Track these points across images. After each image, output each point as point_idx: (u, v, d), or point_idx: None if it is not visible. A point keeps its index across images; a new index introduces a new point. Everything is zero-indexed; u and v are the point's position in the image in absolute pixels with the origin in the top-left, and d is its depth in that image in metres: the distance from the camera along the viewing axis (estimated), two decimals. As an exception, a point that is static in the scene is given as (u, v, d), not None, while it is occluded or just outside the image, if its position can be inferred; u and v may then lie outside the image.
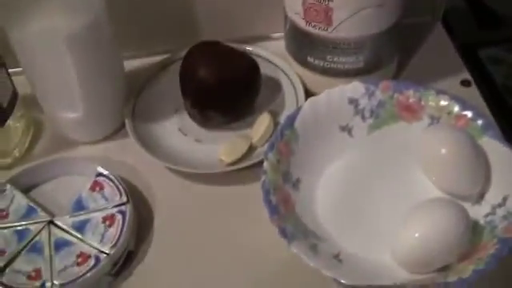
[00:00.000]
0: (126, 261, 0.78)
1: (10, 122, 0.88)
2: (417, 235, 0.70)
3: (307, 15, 0.84)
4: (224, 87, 0.84)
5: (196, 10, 0.99)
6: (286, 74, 0.94)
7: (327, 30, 0.83)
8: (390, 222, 0.73)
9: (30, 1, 0.79)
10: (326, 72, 0.89)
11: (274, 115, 0.89)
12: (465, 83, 0.95)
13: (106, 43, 0.85)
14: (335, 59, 0.86)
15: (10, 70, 0.87)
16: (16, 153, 0.91)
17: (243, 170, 0.84)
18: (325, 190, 0.80)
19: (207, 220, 0.82)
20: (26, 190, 0.84)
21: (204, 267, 0.78)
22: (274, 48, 0.98)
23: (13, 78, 0.88)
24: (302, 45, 0.88)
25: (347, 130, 0.83)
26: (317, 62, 0.88)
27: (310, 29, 0.85)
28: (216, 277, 0.77)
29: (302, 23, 0.85)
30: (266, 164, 0.76)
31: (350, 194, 0.80)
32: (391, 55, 0.91)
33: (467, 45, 1.00)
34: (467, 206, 0.74)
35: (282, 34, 0.96)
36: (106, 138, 0.92)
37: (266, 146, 0.82)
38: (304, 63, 0.90)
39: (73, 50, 0.81)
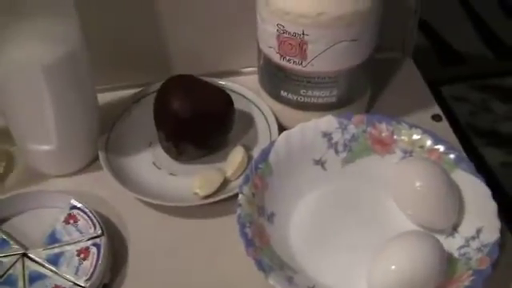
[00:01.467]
0: (101, 294, 0.76)
1: (-19, 154, 0.86)
2: (393, 267, 0.71)
3: (281, 49, 0.85)
4: (198, 120, 0.85)
5: (169, 45, 1.00)
6: (258, 109, 0.94)
7: (301, 63, 0.84)
8: (365, 254, 0.74)
9: (6, 29, 0.78)
10: (299, 106, 0.89)
11: (248, 149, 0.89)
12: (436, 118, 0.96)
13: (82, 75, 0.85)
14: (309, 93, 0.87)
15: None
16: (-12, 185, 0.89)
17: (218, 204, 0.84)
18: (299, 223, 0.81)
19: (182, 253, 0.81)
20: (0, 222, 0.83)
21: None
22: (246, 82, 0.99)
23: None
24: (276, 79, 0.89)
25: (321, 163, 0.84)
26: (290, 96, 0.89)
27: (284, 63, 0.86)
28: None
29: (276, 57, 0.86)
30: (241, 197, 0.77)
31: (323, 227, 0.81)
32: (364, 89, 0.92)
33: (432, 82, 1.02)
34: (441, 238, 0.75)
35: (254, 68, 0.97)
36: (79, 171, 0.92)
37: (240, 179, 0.83)
38: (277, 97, 0.91)
39: (48, 81, 0.80)
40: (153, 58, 1.00)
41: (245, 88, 0.97)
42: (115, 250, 0.81)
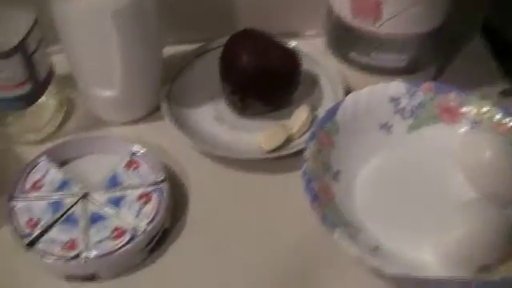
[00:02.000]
0: (160, 238, 0.77)
1: (43, 98, 0.88)
2: (458, 234, 0.70)
3: (355, 8, 0.84)
4: (266, 76, 0.84)
5: (235, 1, 0.98)
6: (324, 69, 0.93)
7: (375, 24, 0.83)
8: (429, 220, 0.74)
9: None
10: (366, 69, 0.89)
11: (312, 109, 0.88)
12: (504, 93, 0.94)
13: (150, 23, 0.85)
14: (379, 56, 0.86)
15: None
16: (48, 129, 0.90)
17: (281, 159, 0.83)
18: (363, 185, 0.80)
19: (242, 205, 0.81)
20: (61, 164, 0.83)
21: (237, 250, 0.77)
22: (310, 44, 0.97)
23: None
24: (346, 40, 0.88)
25: (386, 127, 0.83)
26: (360, 58, 0.88)
27: (356, 23, 0.85)
28: (248, 260, 0.76)
29: (348, 16, 0.85)
30: (307, 152, 0.76)
31: (388, 191, 0.79)
32: (433, 58, 0.91)
33: (502, 57, 1.00)
34: (505, 210, 0.74)
35: (317, 31, 0.97)
36: (140, 120, 0.92)
37: (304, 137, 0.83)
38: (345, 59, 0.90)
39: (118, 27, 0.80)
40: (217, 14, 0.99)
41: (312, 49, 0.96)
42: (176, 198, 0.80)
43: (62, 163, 0.84)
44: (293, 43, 0.95)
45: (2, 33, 0.79)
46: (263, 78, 0.84)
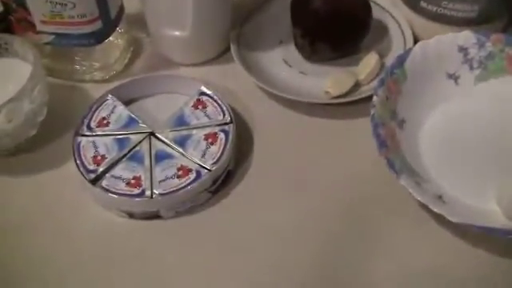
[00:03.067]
0: (225, 179, 0.77)
1: (111, 37, 0.88)
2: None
3: (428, -45, 0.81)
4: (337, 20, 0.84)
5: None
6: (393, 18, 0.92)
7: (448, -26, 0.81)
8: (493, 170, 0.74)
9: None
10: (436, 18, 0.87)
11: (380, 57, 0.87)
12: None
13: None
14: (450, 5, 0.85)
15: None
16: (115, 67, 0.91)
17: (347, 105, 0.83)
18: (428, 133, 0.80)
19: (307, 149, 0.81)
20: (127, 103, 0.84)
21: (301, 193, 0.77)
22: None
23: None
24: (417, -12, 0.85)
25: (454, 77, 0.83)
26: (430, 7, 0.86)
27: (429, -29, 0.82)
28: (311, 204, 0.76)
29: (421, -36, 0.82)
30: (375, 99, 0.76)
31: (453, 140, 0.79)
32: (503, 9, 0.89)
33: None
34: None
35: None
36: (208, 62, 0.92)
37: (372, 83, 0.83)
38: (415, 8, 0.89)
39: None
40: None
41: (379, -4, 0.94)
42: (241, 140, 0.81)
43: (129, 101, 0.85)
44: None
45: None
46: (334, 22, 0.84)
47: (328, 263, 0.71)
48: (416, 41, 0.86)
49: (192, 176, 0.74)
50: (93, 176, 0.76)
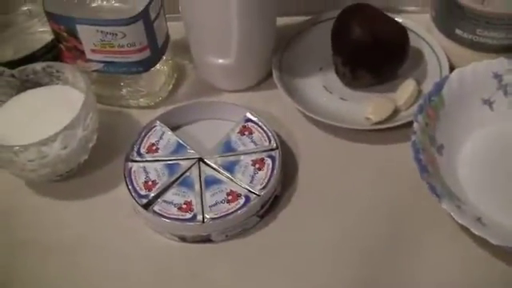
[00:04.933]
0: (272, 204, 0.80)
1: (157, 64, 0.90)
2: None
3: (465, -14, 0.84)
4: (377, 48, 0.86)
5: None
6: (429, 45, 0.95)
7: (483, 2, 0.84)
8: None
9: None
10: (472, 46, 0.90)
11: (418, 83, 0.90)
12: None
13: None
14: (485, 33, 0.87)
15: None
16: (160, 94, 0.94)
17: (387, 131, 0.86)
18: (467, 158, 0.83)
19: (351, 174, 0.84)
20: (174, 129, 0.87)
21: (344, 214, 0.80)
22: (414, 20, 0.99)
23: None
24: (453, 17, 0.89)
25: (489, 103, 0.85)
26: (466, 35, 0.89)
27: (464, 1, 0.86)
28: (355, 227, 0.79)
29: (456, -6, 0.85)
30: (416, 125, 0.79)
31: (488, 164, 0.82)
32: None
33: None
34: None
35: (419, 7, 1.01)
36: (250, 88, 0.95)
37: (411, 109, 0.86)
38: (451, 35, 0.91)
39: (239, -3, 0.82)
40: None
41: (416, 24, 0.97)
42: (286, 165, 0.83)
43: (176, 127, 0.88)
44: (399, 18, 0.96)
45: (128, 1, 0.83)
46: (374, 50, 0.86)
47: (370, 280, 0.74)
48: (451, 67, 0.89)
49: (241, 201, 0.77)
50: (145, 201, 0.78)
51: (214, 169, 0.81)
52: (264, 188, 0.78)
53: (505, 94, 0.86)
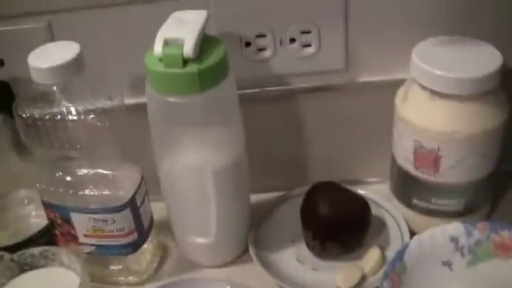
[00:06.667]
0: None
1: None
2: None
3: (417, 162, 0.96)
4: (342, 223, 0.96)
5: (306, 157, 1.13)
6: (390, 214, 1.05)
7: (434, 175, 0.95)
8: None
9: (181, 139, 0.92)
10: (428, 213, 1.00)
11: (380, 249, 0.99)
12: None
13: (243, 177, 0.98)
14: (439, 201, 0.98)
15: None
16: (147, 272, 1.02)
17: (355, 297, 0.93)
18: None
19: None
20: (162, 305, 0.93)
21: None
22: (373, 190, 1.11)
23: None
24: (409, 188, 1.00)
25: (448, 264, 0.94)
26: (421, 203, 0.99)
27: (418, 174, 0.96)
28: None
29: (411, 169, 0.97)
30: (381, 291, 0.86)
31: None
32: (487, 198, 1.02)
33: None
34: None
35: (377, 179, 1.12)
36: (229, 263, 1.03)
37: (377, 275, 0.94)
38: (409, 204, 1.02)
39: (216, 183, 0.93)
40: (293, 166, 1.13)
41: (377, 195, 1.08)
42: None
43: (163, 303, 0.94)
44: (361, 190, 1.07)
45: (118, 189, 0.92)
46: (340, 225, 0.96)
47: None
48: (411, 232, 0.99)
49: None
50: None
51: None
52: None
53: (461, 255, 0.94)
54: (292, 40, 1.00)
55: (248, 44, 1.00)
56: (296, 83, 1.05)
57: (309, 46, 1.01)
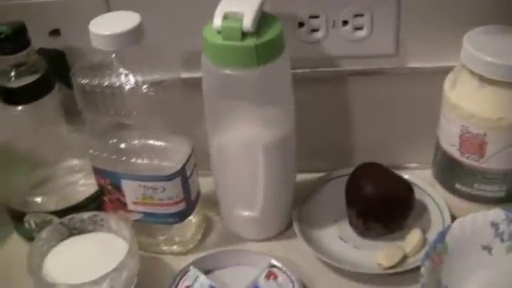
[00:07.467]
0: None
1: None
2: None
3: (462, 147, 0.97)
4: (386, 203, 0.98)
5: (351, 139, 1.15)
6: (432, 198, 1.07)
7: (479, 160, 0.96)
8: None
9: (235, 113, 0.93)
10: (471, 198, 1.01)
11: (422, 232, 1.01)
12: None
13: (290, 154, 1.00)
14: (482, 187, 0.99)
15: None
16: (191, 242, 1.04)
17: (397, 275, 0.96)
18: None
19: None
20: (205, 273, 0.96)
21: None
22: (416, 176, 1.12)
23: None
24: (453, 173, 1.01)
25: (488, 249, 0.96)
26: (464, 188, 1.00)
27: (463, 159, 0.98)
28: None
29: (456, 154, 0.98)
30: (423, 269, 0.89)
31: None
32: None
33: None
34: None
35: (419, 164, 1.13)
36: (272, 238, 1.05)
37: (418, 255, 0.96)
38: (451, 189, 1.03)
39: (265, 158, 0.95)
40: (337, 148, 1.15)
41: (420, 180, 1.10)
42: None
43: (206, 272, 0.97)
44: (405, 175, 1.08)
45: (168, 159, 0.94)
46: (384, 205, 0.98)
47: None
48: (452, 217, 1.01)
49: None
50: None
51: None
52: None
53: (501, 240, 0.96)
54: (344, 22, 1.01)
55: (301, 24, 1.02)
56: (346, 65, 1.06)
57: (360, 29, 1.02)
